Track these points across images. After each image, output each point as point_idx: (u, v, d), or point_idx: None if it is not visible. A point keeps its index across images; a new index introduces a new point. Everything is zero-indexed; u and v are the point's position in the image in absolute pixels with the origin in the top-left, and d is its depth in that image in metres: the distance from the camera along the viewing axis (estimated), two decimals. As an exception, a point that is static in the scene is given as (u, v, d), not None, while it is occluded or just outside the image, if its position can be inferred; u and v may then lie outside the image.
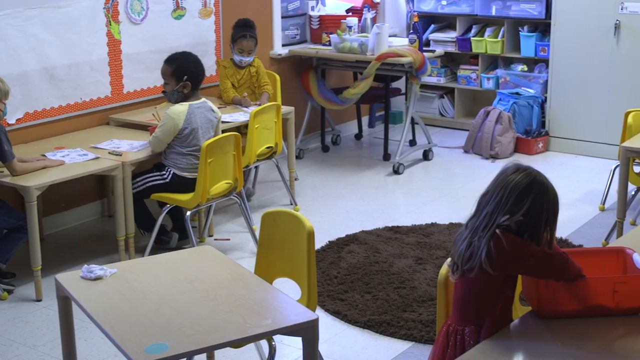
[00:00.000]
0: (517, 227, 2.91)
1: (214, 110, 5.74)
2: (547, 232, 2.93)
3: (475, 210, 2.98)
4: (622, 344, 2.81)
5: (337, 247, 5.97)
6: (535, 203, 2.88)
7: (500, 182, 2.93)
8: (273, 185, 7.42)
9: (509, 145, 8.28)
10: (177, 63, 5.65)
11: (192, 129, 5.55)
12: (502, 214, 2.88)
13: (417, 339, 4.72)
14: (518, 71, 8.81)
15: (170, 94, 5.66)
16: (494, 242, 2.85)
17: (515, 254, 2.88)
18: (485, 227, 2.89)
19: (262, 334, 3.05)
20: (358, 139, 9.08)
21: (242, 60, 6.87)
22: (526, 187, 2.88)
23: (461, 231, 3.01)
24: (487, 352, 2.75)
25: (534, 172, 2.93)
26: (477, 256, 2.88)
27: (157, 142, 5.58)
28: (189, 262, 3.61)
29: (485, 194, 2.97)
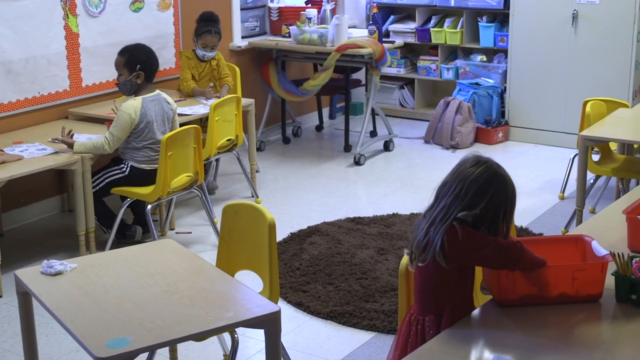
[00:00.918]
0: (474, 219, 2.91)
1: (169, 101, 5.71)
2: (504, 225, 2.94)
3: (433, 201, 2.99)
4: (581, 331, 2.84)
5: (299, 238, 5.98)
6: (494, 197, 2.89)
7: (459, 174, 2.93)
8: (234, 178, 7.40)
9: (469, 136, 8.32)
10: (129, 53, 5.61)
11: (147, 122, 5.51)
12: (460, 207, 2.88)
13: (380, 329, 4.74)
14: (477, 61, 8.85)
15: (123, 84, 5.62)
16: (448, 234, 2.86)
17: (469, 246, 2.89)
18: (442, 219, 2.89)
19: (225, 327, 3.05)
20: (319, 131, 9.08)
21: (205, 55, 6.84)
22: (486, 181, 2.89)
23: (419, 221, 3.01)
24: (447, 342, 2.76)
25: (494, 166, 2.93)
26: (432, 247, 2.88)
27: (114, 140, 5.50)
28: (149, 256, 3.59)
29: (444, 184, 2.97)
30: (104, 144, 5.47)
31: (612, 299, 3.03)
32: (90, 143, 5.47)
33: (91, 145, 5.46)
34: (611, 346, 2.74)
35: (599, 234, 3.50)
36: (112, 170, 5.63)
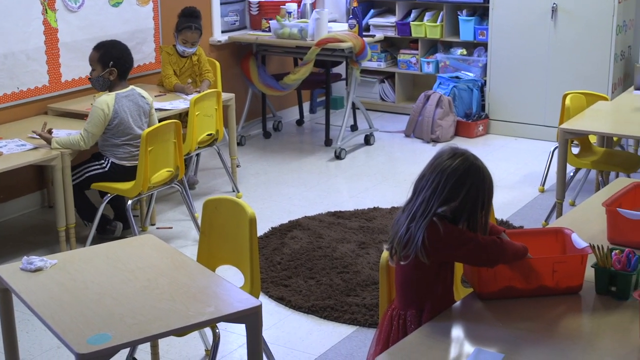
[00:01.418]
0: (454, 213, 2.91)
1: (144, 96, 5.68)
2: (482, 216, 2.94)
3: (411, 195, 2.98)
4: (562, 323, 2.85)
5: (280, 233, 5.97)
6: (472, 189, 2.88)
7: (436, 167, 2.92)
8: (215, 173, 7.39)
9: (450, 129, 8.33)
10: (104, 49, 5.59)
11: (121, 118, 5.48)
12: (439, 200, 2.88)
13: (361, 323, 4.74)
14: (457, 55, 8.86)
15: (96, 80, 5.59)
16: (429, 231, 2.86)
17: (449, 243, 2.89)
18: (422, 213, 2.89)
19: (206, 322, 3.04)
20: (299, 125, 9.07)
21: (185, 50, 6.82)
22: (463, 173, 2.88)
23: (398, 215, 3.01)
24: (428, 335, 2.76)
25: (470, 158, 2.93)
26: (414, 244, 2.88)
27: (89, 136, 5.45)
28: (130, 252, 3.58)
29: (421, 177, 2.97)
30: (80, 140, 5.43)
31: (592, 291, 3.05)
32: (67, 139, 5.44)
33: (67, 141, 5.43)
34: (591, 338, 2.75)
35: (579, 226, 3.52)
36: (92, 166, 5.61)
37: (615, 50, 7.85)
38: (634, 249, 3.12)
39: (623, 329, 2.78)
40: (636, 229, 3.40)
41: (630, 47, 8.26)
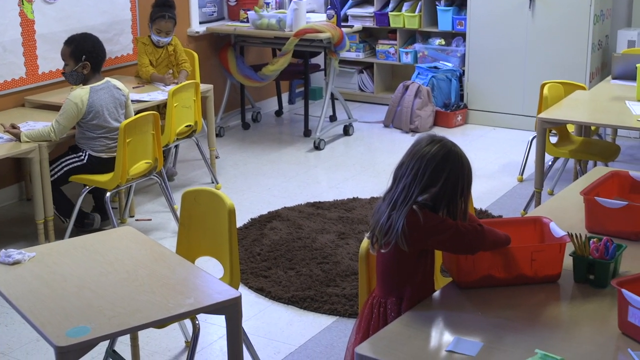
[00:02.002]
0: (434, 200, 2.92)
1: (119, 87, 5.65)
2: (462, 202, 2.95)
3: (391, 183, 2.99)
4: (540, 311, 2.86)
5: (259, 224, 5.97)
6: (451, 174, 2.89)
7: (415, 154, 2.93)
8: (194, 164, 7.37)
9: (429, 119, 8.35)
10: (75, 43, 5.56)
11: (95, 112, 5.45)
12: (419, 186, 2.88)
13: (341, 313, 4.75)
14: (436, 45, 8.87)
15: (69, 74, 5.57)
16: (409, 218, 2.86)
17: (429, 231, 2.89)
18: (403, 201, 2.89)
19: (185, 314, 3.03)
20: (278, 116, 9.06)
21: (160, 40, 6.79)
22: (442, 158, 2.89)
23: (379, 204, 3.01)
24: (408, 324, 2.77)
25: (449, 144, 2.94)
26: (394, 231, 2.88)
27: (60, 129, 5.41)
28: (108, 244, 3.57)
29: (401, 165, 2.97)
30: (50, 131, 5.39)
31: (570, 280, 3.06)
32: (37, 132, 5.40)
33: (37, 134, 5.39)
34: (570, 326, 2.76)
35: (557, 215, 3.53)
36: (71, 159, 5.59)
37: (592, 40, 7.88)
38: (611, 237, 3.14)
39: (601, 317, 2.80)
40: (614, 218, 3.42)
41: (608, 37, 8.30)
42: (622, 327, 2.68)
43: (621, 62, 6.48)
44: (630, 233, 3.40)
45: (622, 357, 2.57)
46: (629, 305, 2.62)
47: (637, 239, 3.41)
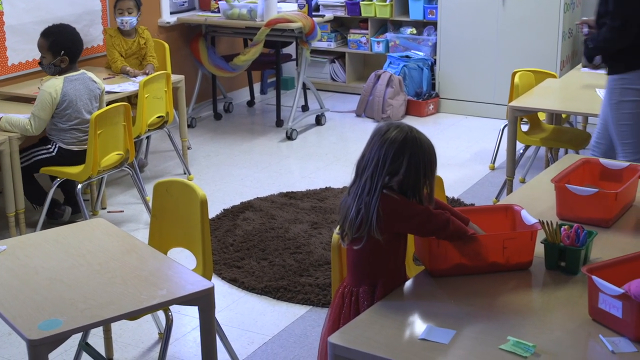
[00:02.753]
0: (400, 186, 2.92)
1: (95, 80, 5.62)
2: (426, 187, 2.95)
3: (354, 176, 2.99)
4: (512, 299, 2.87)
5: (232, 214, 5.96)
6: (412, 158, 2.88)
7: (375, 143, 2.93)
8: (166, 155, 7.35)
9: (400, 108, 8.36)
10: (53, 37, 5.50)
11: (69, 101, 5.41)
12: (382, 175, 2.88)
13: (315, 302, 4.76)
14: (407, 34, 8.88)
15: (47, 67, 5.53)
16: (381, 204, 2.87)
17: (401, 213, 2.91)
18: (369, 191, 2.89)
19: (158, 305, 3.03)
20: (250, 106, 9.05)
21: (124, 20, 6.70)
22: (401, 143, 2.88)
23: (345, 198, 3.01)
24: (380, 313, 2.77)
25: (406, 128, 2.93)
26: (368, 223, 2.89)
27: (39, 122, 5.37)
28: (80, 236, 3.56)
29: (362, 157, 2.97)
30: (27, 125, 5.35)
31: (542, 267, 3.08)
32: (17, 120, 5.37)
33: (17, 122, 5.36)
34: (542, 313, 2.78)
35: (529, 203, 3.55)
36: (40, 150, 5.55)
37: (563, 28, 7.91)
38: (582, 224, 3.15)
39: (572, 303, 2.82)
40: (585, 205, 3.44)
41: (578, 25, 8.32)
42: (593, 314, 2.70)
43: (591, 50, 6.50)
44: (600, 220, 3.43)
45: (593, 343, 2.59)
46: (599, 291, 2.64)
47: (607, 226, 3.43)
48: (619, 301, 2.57)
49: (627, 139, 4.94)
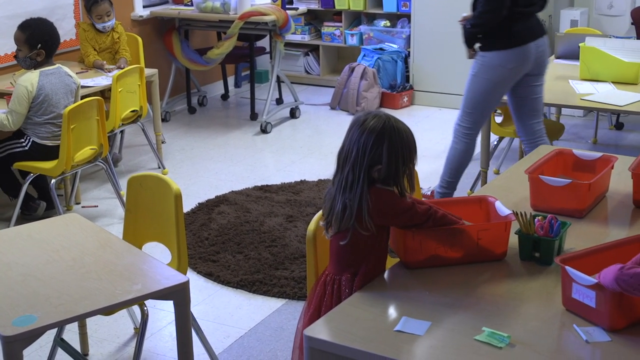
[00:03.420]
0: (382, 178, 2.92)
1: (70, 75, 5.59)
2: (406, 175, 2.95)
3: (337, 167, 2.98)
4: (487, 289, 2.88)
5: (207, 208, 5.95)
6: (391, 146, 2.88)
7: (354, 133, 2.92)
8: (140, 150, 7.32)
9: (375, 101, 8.37)
10: (30, 30, 5.47)
11: (45, 95, 5.38)
12: (364, 165, 2.88)
13: (290, 295, 4.76)
14: (381, 27, 8.88)
15: (23, 60, 5.50)
16: (373, 199, 2.87)
17: (392, 209, 2.91)
18: (353, 183, 2.89)
19: (133, 300, 3.02)
20: (225, 100, 9.03)
21: (105, 26, 6.69)
22: (380, 131, 2.87)
23: (329, 189, 3.00)
24: (356, 305, 2.78)
25: (384, 117, 2.93)
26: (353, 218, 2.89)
27: (17, 117, 5.35)
28: (54, 231, 3.54)
29: (342, 148, 2.97)
30: (4, 120, 5.33)
31: (516, 258, 3.09)
32: None
33: None
34: (517, 303, 2.79)
35: (503, 194, 3.57)
36: (13, 144, 5.51)
37: (535, 20, 7.93)
38: (556, 215, 3.17)
39: (547, 294, 2.83)
40: (558, 196, 3.46)
41: (551, 17, 8.36)
42: (566, 304, 2.71)
43: (564, 41, 6.55)
44: (574, 210, 3.44)
45: (567, 333, 2.60)
46: (573, 282, 2.65)
47: (581, 216, 3.45)
48: (592, 291, 2.59)
49: (470, 109, 5.42)
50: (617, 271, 2.48)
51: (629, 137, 7.61)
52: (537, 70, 5.36)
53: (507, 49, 5.20)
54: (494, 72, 5.25)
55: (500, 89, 5.33)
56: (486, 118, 5.55)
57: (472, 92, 5.38)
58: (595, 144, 7.34)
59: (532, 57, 5.26)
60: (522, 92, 5.41)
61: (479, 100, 5.37)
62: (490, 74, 5.26)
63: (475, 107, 5.40)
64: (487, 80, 5.28)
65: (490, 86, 5.29)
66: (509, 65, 5.22)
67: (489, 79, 5.28)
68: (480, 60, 5.31)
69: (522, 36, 5.21)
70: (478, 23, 5.26)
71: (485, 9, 5.18)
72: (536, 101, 5.46)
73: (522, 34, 5.21)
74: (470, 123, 5.45)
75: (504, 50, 5.20)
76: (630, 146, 7.30)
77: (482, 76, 5.30)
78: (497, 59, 5.23)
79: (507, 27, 5.17)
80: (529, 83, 5.38)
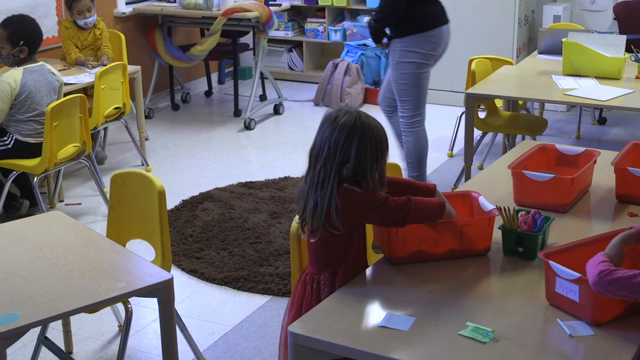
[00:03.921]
0: (354, 174, 2.91)
1: (54, 72, 5.57)
2: (377, 172, 2.95)
3: (308, 164, 2.97)
4: (471, 284, 2.89)
5: (191, 205, 5.94)
6: (361, 143, 2.87)
7: (325, 130, 2.91)
8: (124, 147, 7.30)
9: (359, 97, 8.37)
10: (12, 27, 5.45)
11: (28, 92, 5.36)
12: (335, 162, 2.87)
13: (275, 292, 4.76)
14: (364, 23, 8.87)
15: (6, 57, 5.48)
16: (341, 199, 2.87)
17: (362, 207, 2.90)
18: (324, 181, 2.88)
19: (117, 297, 3.01)
20: (208, 96, 9.01)
21: (87, 22, 6.66)
22: (351, 127, 2.87)
23: (302, 187, 3.00)
24: (340, 301, 2.78)
25: (355, 113, 2.92)
26: (322, 214, 2.88)
27: None
28: (37, 229, 3.53)
29: (314, 146, 2.96)
30: None
31: (500, 253, 3.10)
32: None
33: None
34: (500, 298, 2.80)
35: (486, 189, 3.58)
36: (-5, 142, 5.50)
37: (519, 15, 7.96)
38: (539, 209, 3.18)
39: (530, 289, 2.84)
40: (541, 190, 3.47)
41: (534, 12, 8.38)
42: (550, 298, 2.72)
43: (547, 36, 6.56)
44: (557, 205, 3.46)
45: (551, 327, 2.61)
46: (556, 276, 2.66)
47: (564, 211, 3.46)
48: (576, 285, 2.60)
49: (405, 96, 5.64)
50: (596, 277, 2.48)
51: (612, 132, 7.63)
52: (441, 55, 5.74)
53: (423, 32, 5.50)
54: (414, 55, 5.52)
55: (424, 71, 5.61)
56: (423, 101, 5.74)
57: (400, 80, 5.61)
58: (578, 139, 7.37)
59: (445, 41, 5.64)
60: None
61: (410, 84, 5.60)
62: (411, 57, 5.53)
63: (409, 93, 5.63)
64: (410, 63, 5.54)
65: (415, 68, 5.55)
66: (427, 47, 5.53)
67: (412, 62, 5.54)
68: (398, 47, 5.56)
69: (436, 19, 5.55)
70: (380, 18, 5.54)
71: (384, 3, 5.48)
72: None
73: (435, 17, 5.56)
74: (411, 111, 5.68)
75: (421, 33, 5.50)
76: (613, 141, 7.33)
77: (404, 61, 5.55)
78: (415, 43, 5.51)
79: (421, 11, 5.48)
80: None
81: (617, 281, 2.45)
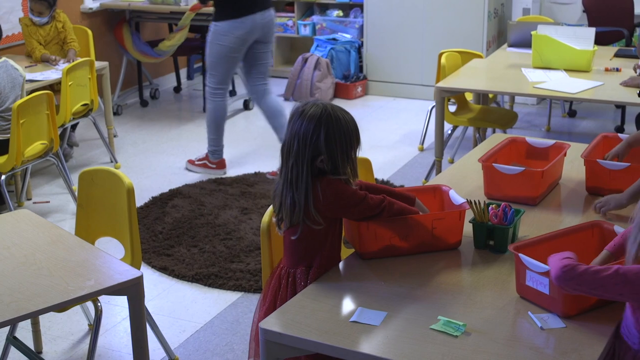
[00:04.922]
0: (329, 167, 2.89)
1: (17, 68, 5.52)
2: (348, 163, 2.93)
3: (281, 161, 2.95)
4: (442, 278, 2.89)
5: (160, 202, 5.90)
6: (329, 135, 2.86)
7: (294, 124, 2.89)
8: (92, 144, 7.25)
9: (329, 91, 8.36)
10: None
11: (-7, 88, 5.33)
12: (307, 155, 2.85)
13: (246, 288, 4.74)
14: (334, 17, 8.87)
15: None
16: (327, 189, 2.86)
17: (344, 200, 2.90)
18: (298, 176, 2.86)
19: (86, 296, 2.98)
20: (177, 92, 8.97)
21: (38, 20, 6.60)
22: (318, 120, 2.86)
23: (278, 183, 2.98)
24: (312, 297, 2.77)
25: (321, 105, 2.90)
26: (300, 209, 2.87)
27: None
28: (4, 228, 3.49)
29: (284, 143, 2.94)
30: None
31: (471, 246, 3.10)
32: None
33: None
34: (472, 291, 2.79)
35: (457, 183, 3.58)
36: (-39, 140, 5.44)
37: (488, 8, 7.98)
38: (509, 203, 3.18)
39: (501, 282, 2.84)
40: (511, 184, 3.47)
41: (503, 5, 8.40)
42: (520, 291, 2.72)
43: (517, 29, 6.58)
44: (527, 198, 3.46)
45: (522, 320, 2.61)
46: (527, 269, 2.66)
47: (534, 204, 3.47)
48: (546, 278, 2.60)
49: (213, 71, 6.36)
50: (559, 271, 2.47)
51: (582, 125, 7.67)
52: (264, 39, 6.35)
53: (235, 19, 6.10)
54: (224, 38, 6.15)
55: (233, 54, 6.23)
56: (228, 78, 6.45)
57: (211, 57, 6.31)
58: (549, 132, 7.40)
59: (258, 26, 6.20)
60: (250, 57, 6.39)
61: (217, 62, 6.28)
62: (222, 39, 6.17)
63: (215, 68, 6.33)
64: (220, 45, 6.19)
65: (224, 50, 6.19)
66: (237, 33, 6.12)
67: (222, 44, 6.18)
68: (213, 28, 6.21)
69: (247, 7, 6.11)
70: None
71: None
72: (263, 66, 6.49)
73: (247, 5, 6.11)
74: (215, 83, 6.37)
75: (232, 19, 6.10)
76: (583, 133, 7.37)
77: (216, 42, 6.21)
78: (227, 27, 6.12)
79: (234, 0, 6.08)
80: (257, 50, 6.37)
81: (580, 276, 2.44)
